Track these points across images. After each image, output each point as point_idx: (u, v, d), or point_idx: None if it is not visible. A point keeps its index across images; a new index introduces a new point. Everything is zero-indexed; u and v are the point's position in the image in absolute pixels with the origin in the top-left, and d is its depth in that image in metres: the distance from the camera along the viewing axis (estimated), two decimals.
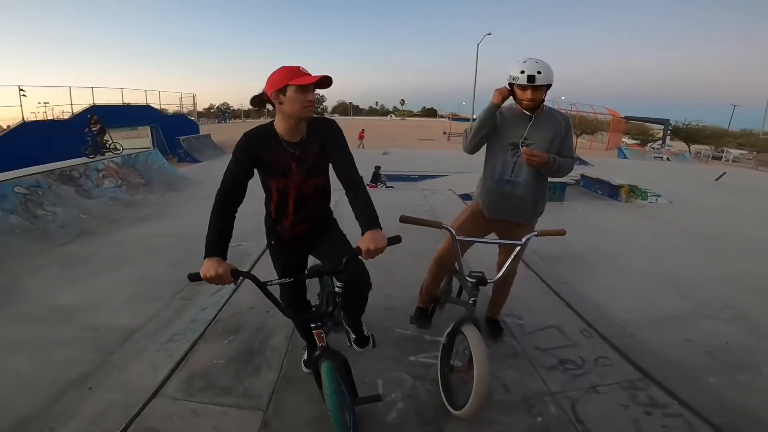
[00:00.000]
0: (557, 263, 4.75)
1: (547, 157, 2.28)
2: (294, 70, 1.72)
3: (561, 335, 2.99)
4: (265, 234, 2.15)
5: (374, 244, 1.59)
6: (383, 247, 1.61)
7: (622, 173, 12.57)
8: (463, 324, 2.07)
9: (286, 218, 2.01)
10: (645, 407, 2.27)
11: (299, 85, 1.69)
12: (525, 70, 2.20)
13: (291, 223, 2.02)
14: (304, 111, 1.75)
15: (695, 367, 2.92)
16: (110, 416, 2.16)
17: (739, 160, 28.24)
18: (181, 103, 26.49)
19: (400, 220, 2.06)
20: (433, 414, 2.18)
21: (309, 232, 2.09)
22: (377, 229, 1.66)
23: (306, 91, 1.72)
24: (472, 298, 2.10)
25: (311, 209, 2.03)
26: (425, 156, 20.53)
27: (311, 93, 1.74)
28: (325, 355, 1.76)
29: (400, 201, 7.70)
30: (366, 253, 1.60)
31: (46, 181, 7.15)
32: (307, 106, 1.74)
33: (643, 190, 9.90)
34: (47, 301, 3.96)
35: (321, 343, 1.77)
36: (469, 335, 2.00)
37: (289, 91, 1.72)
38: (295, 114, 1.77)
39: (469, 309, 2.09)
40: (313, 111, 1.79)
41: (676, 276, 4.89)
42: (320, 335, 1.76)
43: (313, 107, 1.78)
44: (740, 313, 3.92)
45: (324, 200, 2.10)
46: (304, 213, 2.02)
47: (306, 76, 1.70)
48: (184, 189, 10.43)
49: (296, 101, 1.72)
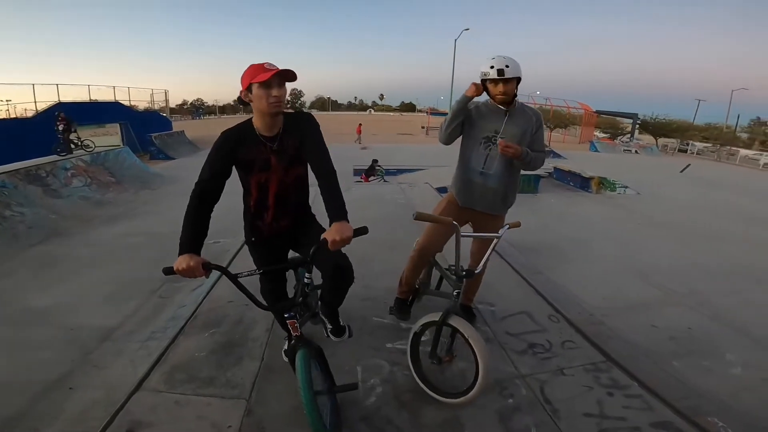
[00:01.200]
0: (530, 253, 4.92)
1: (521, 149, 2.40)
2: (257, 68, 1.74)
3: (531, 321, 3.14)
4: (244, 230, 2.17)
5: (339, 235, 1.61)
6: (348, 237, 1.63)
7: (594, 166, 12.98)
8: (450, 316, 2.14)
9: (267, 212, 2.03)
10: (608, 389, 2.41)
11: (261, 82, 1.72)
12: (494, 65, 2.34)
13: (272, 216, 2.04)
14: (270, 107, 1.77)
15: (660, 352, 3.09)
16: (94, 414, 2.17)
17: (703, 152, 29.41)
18: (152, 99, 25.79)
19: (414, 218, 2.11)
20: (410, 397, 2.28)
21: (290, 227, 2.12)
22: (343, 220, 1.69)
23: (270, 87, 1.74)
24: (456, 290, 2.18)
25: (292, 201, 2.06)
26: (404, 150, 20.63)
27: (276, 89, 1.75)
28: (299, 344, 1.80)
29: (379, 194, 7.79)
30: (332, 244, 1.62)
31: (12, 181, 6.91)
32: (273, 102, 1.76)
33: (612, 181, 10.26)
34: (21, 303, 3.87)
35: (295, 333, 1.82)
36: (460, 326, 2.09)
37: (254, 89, 1.75)
38: (263, 110, 1.79)
39: (454, 300, 2.17)
40: (280, 106, 1.79)
41: (644, 264, 5.13)
42: (294, 324, 1.82)
43: (280, 102, 1.78)
44: (704, 299, 4.15)
45: (304, 192, 2.13)
46: (285, 206, 2.04)
47: (265, 72, 1.71)
48: (157, 186, 10.23)
49: (261, 98, 1.75)
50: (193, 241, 1.69)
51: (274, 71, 1.71)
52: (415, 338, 2.34)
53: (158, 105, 26.37)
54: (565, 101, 36.17)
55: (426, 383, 2.29)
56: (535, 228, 6.30)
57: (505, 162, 2.50)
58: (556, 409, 2.24)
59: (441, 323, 2.17)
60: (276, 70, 1.71)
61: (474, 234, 2.59)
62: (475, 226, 2.72)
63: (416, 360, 2.36)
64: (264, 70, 1.72)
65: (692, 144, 31.06)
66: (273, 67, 1.73)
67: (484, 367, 2.00)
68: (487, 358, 2.03)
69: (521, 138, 2.47)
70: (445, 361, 2.26)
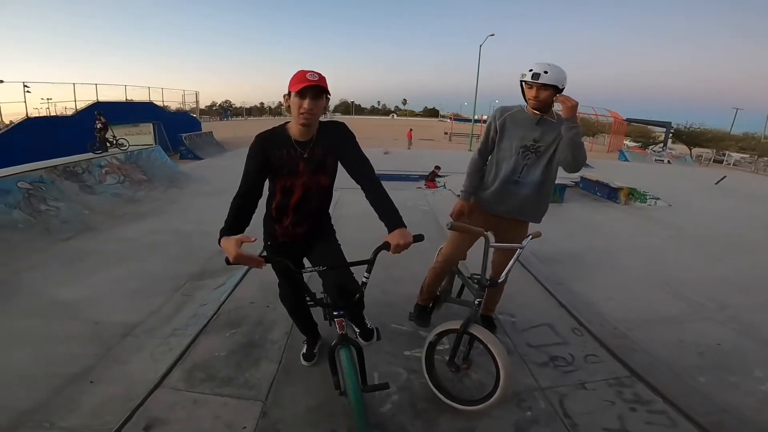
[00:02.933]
0: (554, 264, 4.80)
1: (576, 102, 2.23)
2: (300, 76, 1.74)
3: (553, 333, 3.06)
4: (263, 234, 2.18)
5: (402, 240, 1.70)
6: (409, 243, 1.72)
7: (623, 176, 12.60)
8: (471, 325, 2.12)
9: (286, 217, 2.06)
10: (630, 404, 2.34)
11: (296, 91, 1.73)
12: (533, 68, 2.25)
13: (291, 222, 2.06)
14: (300, 117, 1.79)
15: (686, 366, 2.96)
16: (111, 409, 2.22)
17: (740, 163, 28.23)
18: (183, 100, 26.49)
19: (447, 228, 2.20)
20: (426, 406, 2.25)
21: (307, 235, 2.13)
22: (403, 227, 1.76)
23: (302, 98, 1.74)
24: (478, 299, 2.18)
25: (312, 209, 2.07)
26: (426, 156, 20.55)
27: (308, 101, 1.74)
28: (343, 342, 1.85)
29: (401, 200, 7.74)
30: (395, 247, 1.70)
31: (50, 177, 7.21)
32: (303, 113, 1.76)
33: (643, 192, 9.92)
34: (49, 295, 4.01)
35: (341, 331, 1.86)
36: (481, 334, 2.08)
37: (291, 96, 1.77)
38: (294, 118, 1.82)
39: (475, 309, 2.16)
40: (309, 119, 1.79)
41: (673, 277, 4.93)
42: (341, 323, 1.86)
43: (310, 114, 1.77)
44: (734, 315, 3.96)
45: (325, 202, 2.15)
46: (305, 213, 2.06)
47: (301, 83, 1.72)
48: (185, 186, 10.48)
49: (295, 107, 1.77)
50: (229, 231, 1.73)
51: (308, 83, 1.71)
52: (430, 347, 2.31)
53: (189, 106, 27.10)
54: (593, 108, 35.39)
55: (441, 391, 2.27)
56: (559, 238, 6.14)
57: (542, 169, 2.43)
58: (576, 423, 2.17)
59: (462, 331, 2.15)
60: (310, 83, 1.71)
61: (499, 245, 2.54)
62: (498, 233, 2.66)
63: (431, 368, 2.33)
64: (303, 80, 1.72)
65: (728, 154, 29.87)
66: (312, 79, 1.72)
67: (506, 374, 1.98)
68: (509, 365, 2.01)
69: (557, 145, 2.37)
70: (463, 369, 2.23)
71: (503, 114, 2.47)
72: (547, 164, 2.43)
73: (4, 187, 6.22)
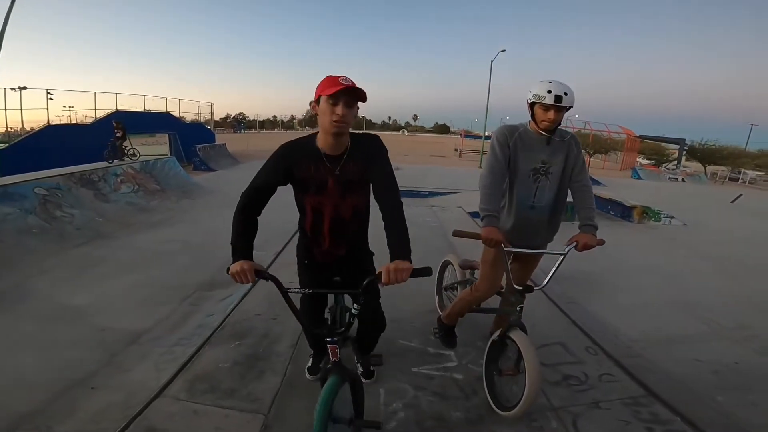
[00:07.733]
0: (566, 282, 4.70)
1: (599, 241, 2.30)
2: (332, 80, 1.60)
3: (565, 352, 2.98)
4: (297, 251, 2.09)
5: (395, 274, 1.50)
6: (404, 277, 1.52)
7: (636, 194, 12.44)
8: (512, 329, 2.21)
9: (323, 239, 1.92)
10: (647, 423, 2.27)
11: (328, 96, 1.58)
12: (552, 90, 2.11)
13: (329, 244, 1.92)
14: (332, 125, 1.63)
15: (703, 386, 2.87)
16: (110, 415, 2.19)
17: (755, 181, 27.71)
18: (199, 111, 26.91)
19: (453, 234, 2.19)
20: (432, 424, 2.18)
21: (346, 258, 2.00)
22: (406, 259, 1.56)
23: (335, 103, 1.59)
24: (520, 305, 2.25)
25: (349, 231, 1.92)
26: (435, 172, 20.53)
27: (342, 106, 1.59)
28: (333, 370, 1.69)
29: (410, 216, 7.68)
30: (386, 279, 1.51)
31: (66, 184, 7.33)
32: (336, 120, 1.60)
33: (657, 211, 9.75)
34: (58, 300, 4.02)
35: (334, 358, 1.70)
36: (518, 340, 2.14)
37: (321, 101, 1.62)
38: (325, 127, 1.66)
39: (517, 315, 2.24)
40: (341, 127, 1.63)
41: (688, 297, 4.80)
42: (334, 350, 1.69)
43: (343, 122, 1.62)
44: (752, 334, 3.84)
45: (362, 222, 1.98)
46: (342, 235, 1.91)
47: (336, 86, 1.56)
48: (197, 197, 10.58)
49: (325, 113, 1.62)
50: (245, 247, 1.66)
51: (344, 86, 1.56)
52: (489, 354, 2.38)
53: (204, 117, 27.54)
54: (606, 125, 35.16)
55: (491, 394, 2.34)
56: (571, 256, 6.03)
57: (555, 191, 2.37)
58: None
59: (502, 334, 2.25)
60: (345, 86, 1.57)
61: (536, 251, 2.47)
62: (518, 259, 2.56)
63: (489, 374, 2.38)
64: (336, 83, 1.57)
65: (744, 172, 29.35)
66: (347, 82, 1.58)
67: (531, 380, 2.01)
68: (537, 371, 2.04)
69: (565, 164, 2.32)
70: (507, 373, 2.25)
71: (513, 135, 2.31)
72: (559, 185, 2.37)
73: (21, 193, 6.33)
